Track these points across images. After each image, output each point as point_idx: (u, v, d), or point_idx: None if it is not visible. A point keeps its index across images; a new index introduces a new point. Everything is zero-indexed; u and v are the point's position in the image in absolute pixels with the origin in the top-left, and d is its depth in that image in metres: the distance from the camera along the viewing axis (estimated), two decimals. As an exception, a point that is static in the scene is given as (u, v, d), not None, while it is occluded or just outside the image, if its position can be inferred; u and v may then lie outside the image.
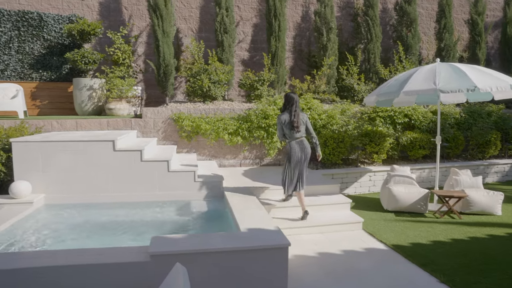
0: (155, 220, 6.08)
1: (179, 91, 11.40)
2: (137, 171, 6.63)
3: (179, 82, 11.42)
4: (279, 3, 10.83)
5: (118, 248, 4.22)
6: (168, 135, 8.77)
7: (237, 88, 11.63)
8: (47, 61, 10.25)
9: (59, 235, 5.29)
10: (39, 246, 4.89)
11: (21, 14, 10.00)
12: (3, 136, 6.74)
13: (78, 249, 4.10)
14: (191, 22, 11.57)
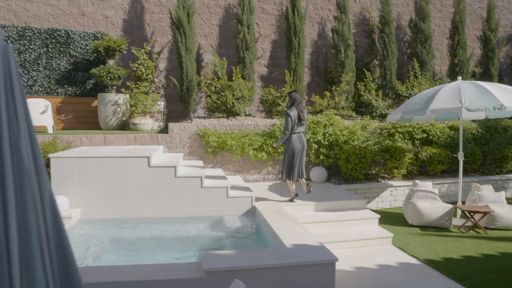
0: (191, 236, 6.22)
1: (199, 106, 11.59)
2: (171, 187, 6.78)
3: (199, 97, 11.61)
4: (299, 21, 11.07)
5: (172, 264, 4.36)
6: (194, 150, 8.94)
7: (256, 104, 11.84)
8: (72, 76, 10.48)
9: (101, 250, 5.44)
10: (86, 260, 5.03)
11: (50, 32, 10.26)
12: (43, 152, 6.91)
13: (136, 265, 4.24)
14: (211, 38, 11.81)
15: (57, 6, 10.65)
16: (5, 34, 9.98)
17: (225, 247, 5.71)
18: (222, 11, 11.89)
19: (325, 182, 9.40)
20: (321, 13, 12.81)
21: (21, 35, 10.11)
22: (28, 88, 10.17)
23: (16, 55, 10.12)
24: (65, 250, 2.19)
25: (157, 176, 6.72)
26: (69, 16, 10.74)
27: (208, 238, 6.13)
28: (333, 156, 9.46)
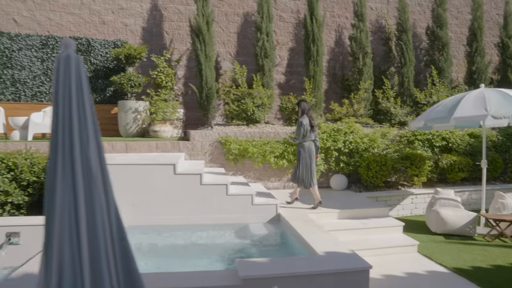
0: (217, 243, 6.23)
1: (217, 114, 11.63)
2: (197, 194, 6.80)
3: (217, 104, 11.67)
4: (317, 28, 11.10)
5: (207, 271, 4.37)
6: (215, 157, 8.97)
7: (274, 111, 11.87)
8: (92, 84, 10.59)
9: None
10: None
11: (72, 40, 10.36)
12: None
13: (170, 273, 4.26)
14: (229, 46, 11.88)
15: (79, 15, 10.78)
16: (29, 43, 10.13)
17: (253, 255, 5.71)
18: (240, 19, 11.96)
19: (345, 189, 9.38)
20: (338, 21, 12.84)
21: (44, 43, 10.26)
22: (50, 95, 10.29)
23: (39, 64, 10.26)
24: (128, 256, 2.22)
25: (183, 184, 6.75)
26: (90, 25, 10.86)
27: (235, 245, 6.14)
28: (353, 163, 9.44)
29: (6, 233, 6.05)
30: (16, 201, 6.83)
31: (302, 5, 12.39)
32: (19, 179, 6.95)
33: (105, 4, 10.99)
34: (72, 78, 2.03)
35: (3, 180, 6.90)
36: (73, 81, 2.04)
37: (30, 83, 10.26)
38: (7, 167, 7.00)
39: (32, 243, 6.05)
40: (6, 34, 10.08)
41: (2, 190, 6.84)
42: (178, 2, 11.51)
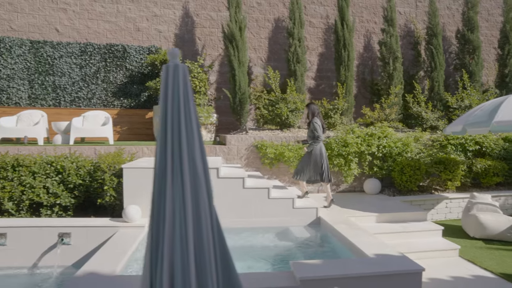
0: (263, 245, 6.33)
1: (248, 118, 11.78)
2: (239, 198, 6.91)
3: (248, 109, 11.82)
4: (348, 34, 11.19)
5: (263, 273, 4.48)
6: (251, 162, 9.09)
7: (305, 116, 11.95)
8: (127, 89, 10.84)
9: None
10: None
11: (108, 47, 10.69)
12: (113, 163, 7.17)
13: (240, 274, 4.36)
14: (260, 51, 12.04)
15: (115, 22, 11.07)
16: (69, 50, 10.45)
17: (299, 257, 5.80)
18: (270, 24, 12.12)
19: (378, 193, 9.40)
20: (367, 26, 12.90)
21: (83, 50, 10.56)
22: (87, 100, 10.59)
23: (78, 70, 10.55)
24: (227, 255, 2.34)
25: (226, 187, 6.87)
26: (125, 32, 11.14)
27: (280, 248, 6.24)
28: (386, 167, 9.47)
29: (58, 234, 6.25)
30: (63, 203, 7.06)
31: (331, 11, 12.50)
32: (67, 182, 7.18)
33: (140, 12, 11.26)
34: (180, 86, 2.17)
35: (52, 183, 7.14)
36: (181, 89, 2.17)
37: (69, 89, 10.57)
38: (55, 170, 7.24)
39: (82, 244, 6.25)
40: (49, 43, 10.43)
41: (52, 192, 7.08)
42: (209, 9, 11.72)
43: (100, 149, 8.22)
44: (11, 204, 7.01)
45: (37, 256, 6.26)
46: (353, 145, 9.12)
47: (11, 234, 6.26)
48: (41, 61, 10.45)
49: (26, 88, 10.40)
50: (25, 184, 7.09)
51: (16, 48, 10.30)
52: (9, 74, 10.27)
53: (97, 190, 7.19)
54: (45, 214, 7.04)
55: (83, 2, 10.98)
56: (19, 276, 6.06)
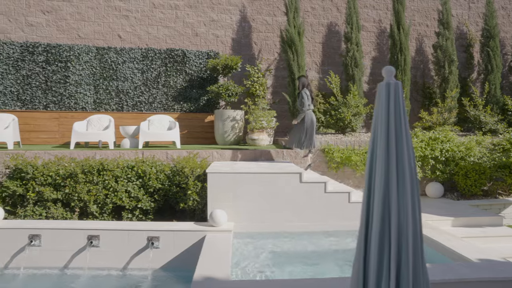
0: (347, 249, 6.41)
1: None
2: (320, 202, 7.01)
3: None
4: (404, 38, 11.21)
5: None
6: (317, 165, 9.19)
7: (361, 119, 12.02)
8: (187, 93, 11.05)
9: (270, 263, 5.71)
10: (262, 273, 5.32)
11: (169, 52, 10.92)
12: (193, 167, 7.34)
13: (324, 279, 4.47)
14: (314, 56, 12.13)
15: (174, 28, 11.31)
16: (132, 56, 10.70)
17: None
18: (324, 29, 12.21)
19: (441, 197, 9.41)
20: (419, 29, 12.89)
21: (144, 56, 10.81)
22: (148, 105, 10.84)
23: (140, 75, 10.80)
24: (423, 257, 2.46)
25: (308, 192, 6.98)
26: (183, 37, 11.37)
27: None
28: (448, 171, 9.47)
29: (147, 237, 6.43)
30: (144, 207, 7.26)
31: (384, 14, 12.52)
32: (147, 186, 7.37)
33: (198, 17, 11.47)
34: (400, 102, 2.31)
35: (133, 187, 7.34)
36: (401, 105, 2.32)
37: (131, 93, 10.82)
38: (136, 174, 7.44)
39: (169, 247, 6.41)
40: (113, 49, 10.71)
41: (133, 196, 7.29)
42: (265, 14, 11.86)
43: (173, 153, 8.40)
44: (95, 207, 7.24)
45: (128, 258, 6.45)
46: (418, 149, 9.14)
47: (103, 236, 6.47)
48: (106, 67, 10.73)
49: (92, 93, 10.69)
50: (108, 188, 7.31)
51: (83, 55, 10.61)
52: (77, 80, 10.58)
53: (176, 194, 7.35)
54: (126, 217, 7.25)
55: (144, 9, 11.26)
56: (112, 278, 6.25)
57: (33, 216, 7.19)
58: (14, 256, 6.50)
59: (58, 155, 7.96)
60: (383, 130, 2.34)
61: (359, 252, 2.44)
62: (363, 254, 2.43)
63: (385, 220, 2.33)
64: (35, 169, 7.33)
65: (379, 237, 2.32)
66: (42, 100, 10.50)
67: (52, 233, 6.53)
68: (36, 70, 10.45)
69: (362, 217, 2.46)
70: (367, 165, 2.46)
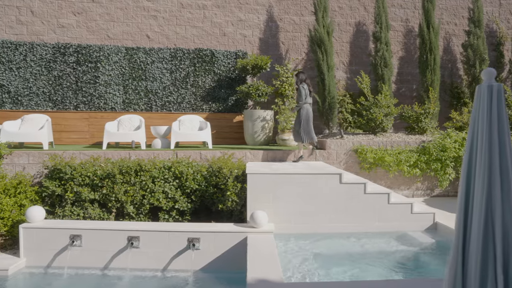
0: (388, 250, 6.35)
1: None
2: (360, 203, 6.97)
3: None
4: (434, 37, 11.09)
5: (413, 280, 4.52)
6: (349, 166, 9.13)
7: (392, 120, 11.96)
8: (215, 93, 11.05)
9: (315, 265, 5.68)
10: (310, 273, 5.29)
11: (197, 52, 10.93)
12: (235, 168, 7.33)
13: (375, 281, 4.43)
14: (342, 55, 12.06)
15: (202, 27, 11.32)
16: (160, 56, 10.72)
17: (430, 264, 5.81)
18: (352, 28, 12.13)
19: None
20: (447, 28, 12.75)
21: (173, 56, 10.83)
22: (177, 105, 10.87)
23: (168, 75, 10.82)
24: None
25: (347, 192, 6.94)
26: (211, 37, 11.37)
27: (406, 253, 6.27)
28: (483, 172, 9.35)
29: (188, 238, 6.43)
30: (181, 208, 7.26)
31: (411, 13, 12.42)
32: (184, 187, 7.37)
33: (226, 17, 11.46)
34: (503, 104, 2.28)
35: (170, 188, 7.35)
36: (504, 107, 2.29)
37: (160, 93, 10.86)
38: (173, 175, 7.44)
39: (210, 249, 6.40)
40: (142, 49, 10.76)
41: (170, 197, 7.29)
42: (292, 13, 11.82)
43: (206, 154, 8.40)
44: (132, 208, 7.26)
45: (168, 260, 6.45)
46: (451, 149, 9.05)
47: (143, 237, 6.48)
48: (135, 67, 10.78)
49: (121, 93, 10.74)
50: (146, 188, 7.33)
51: (113, 55, 10.67)
52: (107, 80, 10.64)
53: (213, 195, 7.34)
54: (162, 218, 7.26)
55: (172, 9, 11.29)
56: (154, 279, 6.27)
57: (71, 216, 7.24)
58: (56, 256, 6.56)
59: (94, 156, 7.99)
60: (485, 133, 2.30)
61: (455, 254, 2.41)
62: (461, 257, 2.40)
63: (488, 223, 2.30)
64: (73, 169, 7.37)
65: (482, 240, 2.29)
66: (73, 101, 10.58)
67: (92, 233, 6.57)
68: (67, 70, 10.54)
69: (459, 221, 2.42)
70: (463, 168, 2.43)
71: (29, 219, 6.62)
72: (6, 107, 10.28)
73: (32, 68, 10.39)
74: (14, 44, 10.32)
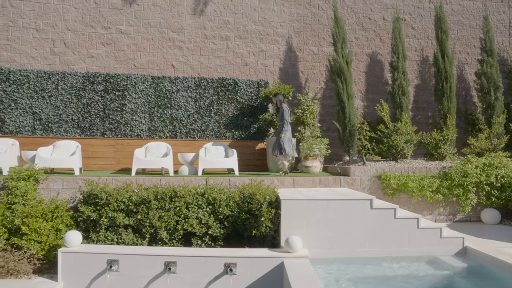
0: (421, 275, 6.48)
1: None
2: (390, 228, 7.14)
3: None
4: (449, 66, 11.45)
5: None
6: (373, 192, 9.33)
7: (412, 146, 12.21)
8: (238, 121, 11.35)
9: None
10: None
11: (220, 81, 11.29)
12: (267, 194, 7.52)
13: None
14: (359, 84, 12.42)
15: (225, 58, 11.73)
16: (185, 84, 11.08)
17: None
18: (368, 58, 12.53)
19: (498, 224, 9.46)
20: (459, 57, 13.15)
21: (197, 84, 11.18)
22: (201, 132, 11.15)
23: (193, 103, 11.15)
24: None
25: (378, 218, 7.12)
26: (234, 66, 11.76)
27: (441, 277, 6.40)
28: (504, 197, 9.55)
29: (224, 264, 6.56)
30: (214, 234, 7.42)
31: (425, 43, 12.84)
32: (217, 213, 7.55)
33: (247, 47, 11.88)
34: None
35: (203, 214, 7.53)
36: None
37: (185, 121, 11.17)
38: (207, 201, 7.64)
39: (245, 274, 6.51)
40: (167, 78, 11.13)
41: (204, 223, 7.46)
42: (311, 44, 12.24)
43: (235, 180, 8.60)
44: (165, 233, 7.42)
45: (204, 285, 6.56)
46: (473, 175, 9.26)
47: (180, 262, 6.62)
48: (160, 95, 11.12)
49: (147, 121, 11.05)
50: (180, 214, 7.51)
51: (139, 84, 11.02)
52: (133, 108, 10.96)
53: (245, 221, 7.51)
54: (195, 244, 7.40)
55: (196, 39, 11.74)
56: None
57: (105, 242, 7.39)
58: (93, 280, 6.67)
59: (127, 182, 8.21)
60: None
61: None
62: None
63: None
64: (108, 195, 7.56)
65: None
66: (100, 128, 10.88)
67: (129, 258, 6.68)
68: (96, 98, 10.88)
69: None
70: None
71: (67, 244, 6.77)
72: (37, 133, 10.60)
73: (62, 96, 10.75)
74: (47, 74, 10.73)
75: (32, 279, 6.71)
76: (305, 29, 12.36)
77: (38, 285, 6.53)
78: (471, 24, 13.29)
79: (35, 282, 6.62)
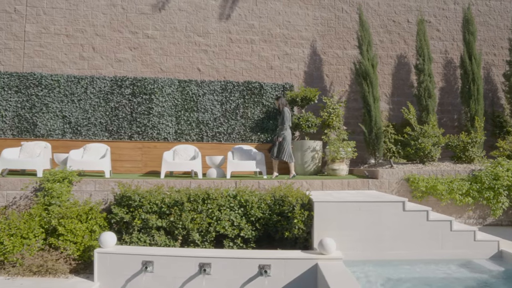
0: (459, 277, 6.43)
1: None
2: (422, 230, 7.11)
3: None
4: (476, 68, 11.38)
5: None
6: (401, 194, 9.30)
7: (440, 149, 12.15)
8: (264, 124, 11.41)
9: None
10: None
11: (246, 84, 11.39)
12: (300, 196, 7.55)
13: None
14: (384, 87, 12.40)
15: (250, 61, 11.81)
16: (211, 88, 11.19)
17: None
18: (393, 61, 12.51)
19: (527, 227, 9.37)
20: (486, 58, 13.05)
21: (223, 88, 11.29)
22: (227, 135, 11.24)
23: (219, 106, 11.25)
24: None
25: (410, 220, 7.10)
26: (259, 70, 11.84)
27: (479, 281, 6.34)
28: (534, 201, 9.45)
29: (259, 265, 6.60)
30: (245, 236, 7.46)
31: (450, 45, 12.77)
32: (249, 215, 7.59)
33: (272, 51, 11.96)
34: None
35: (235, 216, 7.58)
36: None
37: (211, 124, 11.27)
38: (239, 203, 7.69)
39: (280, 275, 6.53)
40: (194, 82, 11.27)
41: (236, 225, 7.51)
42: (336, 47, 12.26)
43: (264, 183, 8.65)
44: (197, 235, 7.48)
45: (239, 286, 6.60)
46: (504, 178, 9.18)
47: (214, 264, 6.67)
48: (187, 99, 11.25)
49: (174, 124, 11.18)
50: (212, 216, 7.57)
51: (166, 87, 11.18)
52: (160, 111, 11.12)
53: (276, 223, 7.54)
54: (227, 245, 7.45)
55: (222, 43, 11.86)
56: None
57: (138, 243, 7.47)
58: (128, 281, 6.75)
59: (158, 184, 8.30)
60: None
61: None
62: None
63: None
64: (141, 197, 7.66)
65: None
66: (127, 131, 11.04)
67: (164, 259, 6.75)
68: (123, 102, 11.06)
69: None
70: None
71: (102, 244, 6.86)
72: (67, 136, 10.82)
73: (91, 100, 10.97)
74: (77, 78, 10.96)
75: (69, 279, 6.83)
76: (329, 32, 12.41)
77: (75, 284, 6.64)
78: (498, 25, 13.19)
79: (73, 282, 6.73)
